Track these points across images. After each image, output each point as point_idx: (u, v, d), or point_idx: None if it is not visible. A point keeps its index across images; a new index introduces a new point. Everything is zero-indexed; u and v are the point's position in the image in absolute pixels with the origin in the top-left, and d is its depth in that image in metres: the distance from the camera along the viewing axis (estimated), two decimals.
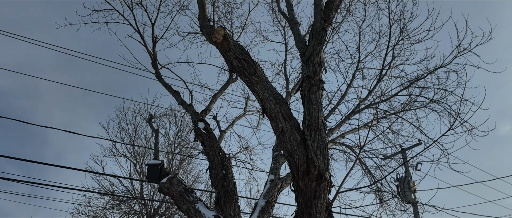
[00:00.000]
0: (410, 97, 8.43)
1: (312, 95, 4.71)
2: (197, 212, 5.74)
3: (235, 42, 4.92)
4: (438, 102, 8.14)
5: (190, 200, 5.89)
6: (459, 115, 7.03)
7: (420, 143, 9.79)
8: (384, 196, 8.77)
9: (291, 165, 4.51)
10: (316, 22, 4.97)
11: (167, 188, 6.00)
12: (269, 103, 4.70)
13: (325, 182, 4.33)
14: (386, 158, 9.24)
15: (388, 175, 8.71)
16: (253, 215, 6.30)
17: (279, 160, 7.28)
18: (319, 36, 4.89)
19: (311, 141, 4.47)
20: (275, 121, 4.67)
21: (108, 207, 14.90)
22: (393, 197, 8.86)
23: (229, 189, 5.94)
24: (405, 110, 8.41)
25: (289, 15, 6.31)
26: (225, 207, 5.82)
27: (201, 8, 5.93)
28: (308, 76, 4.81)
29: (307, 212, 4.30)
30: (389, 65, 8.26)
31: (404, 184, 14.24)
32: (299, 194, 4.42)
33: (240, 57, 4.79)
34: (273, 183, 6.78)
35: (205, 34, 5.72)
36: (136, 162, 16.13)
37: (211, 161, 6.23)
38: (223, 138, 8.40)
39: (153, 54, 7.78)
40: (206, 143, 6.35)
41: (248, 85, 4.92)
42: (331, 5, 5.05)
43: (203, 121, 6.68)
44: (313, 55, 4.88)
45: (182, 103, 7.29)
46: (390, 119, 8.66)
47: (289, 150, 4.50)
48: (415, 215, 14.13)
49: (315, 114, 4.61)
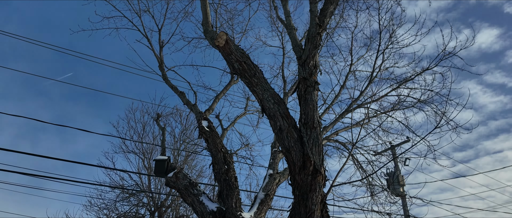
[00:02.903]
0: (399, 97, 8.43)
1: (308, 96, 4.72)
2: (201, 204, 5.75)
3: (236, 46, 4.93)
4: (425, 102, 8.14)
5: (195, 193, 5.89)
6: (444, 114, 7.03)
7: (408, 140, 9.82)
8: (374, 189, 8.77)
9: (289, 160, 4.52)
10: (312, 27, 4.97)
11: (173, 182, 6.01)
12: (268, 103, 4.71)
13: (320, 176, 4.34)
14: (376, 154, 9.24)
15: (379, 170, 8.70)
16: (253, 207, 6.31)
17: (277, 156, 7.29)
18: (314, 40, 4.90)
19: (307, 138, 4.47)
20: (273, 120, 4.68)
21: (118, 200, 14.91)
22: (383, 190, 8.85)
23: (231, 183, 5.95)
24: (394, 109, 8.41)
25: (286, 21, 6.30)
26: (227, 199, 5.82)
27: (204, 14, 5.93)
28: (304, 78, 4.82)
29: (303, 204, 4.31)
30: (379, 67, 8.26)
31: (394, 178, 14.25)
32: (296, 188, 4.43)
33: (241, 60, 4.80)
34: (272, 177, 6.79)
35: (209, 39, 5.72)
36: (144, 158, 16.14)
37: (214, 157, 6.23)
38: (225, 135, 8.39)
39: (160, 57, 7.77)
40: (209, 140, 6.35)
41: (248, 86, 4.93)
42: (326, 12, 5.05)
43: (206, 119, 6.68)
44: (309, 58, 4.89)
45: (187, 103, 7.29)
46: (381, 118, 8.66)
47: (286, 146, 4.51)
48: (404, 207, 14.13)
49: (311, 113, 4.62)
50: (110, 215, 14.72)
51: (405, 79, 8.34)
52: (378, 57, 8.23)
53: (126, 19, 8.06)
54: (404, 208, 14.09)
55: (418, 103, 8.21)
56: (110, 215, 14.72)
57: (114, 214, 14.72)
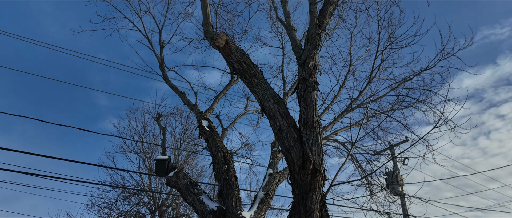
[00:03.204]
0: (398, 97, 8.42)
1: (308, 96, 4.70)
2: (202, 203, 5.73)
3: (236, 46, 4.91)
4: (423, 102, 8.13)
5: (195, 192, 5.88)
6: (443, 114, 7.01)
7: (407, 140, 9.79)
8: (373, 188, 8.76)
9: (288, 160, 4.50)
10: (311, 28, 4.95)
11: (173, 181, 5.99)
12: (268, 103, 4.69)
13: (320, 176, 4.33)
14: (375, 153, 9.23)
15: (378, 169, 8.69)
16: (253, 206, 6.29)
17: (277, 156, 7.27)
18: (313, 41, 4.88)
19: (307, 138, 4.46)
20: (273, 120, 4.66)
21: (119, 199, 14.89)
22: (382, 190, 8.84)
23: (231, 182, 5.93)
24: (393, 109, 8.39)
25: (286, 22, 6.29)
26: (227, 198, 5.80)
27: (205, 15, 5.91)
28: (304, 78, 4.80)
29: (303, 203, 4.29)
30: (378, 68, 8.25)
31: (392, 178, 14.23)
32: (295, 187, 4.41)
33: (241, 61, 4.78)
34: (272, 177, 6.77)
35: (209, 39, 5.70)
36: (145, 157, 16.12)
37: (214, 157, 6.21)
38: (225, 135, 8.37)
39: (161, 58, 7.75)
40: (209, 140, 6.33)
41: (248, 86, 4.91)
42: (325, 12, 5.03)
43: (207, 119, 6.66)
44: (308, 58, 4.87)
45: (187, 103, 7.28)
46: (380, 118, 8.64)
47: (286, 146, 4.49)
48: (403, 207, 14.12)
49: (310, 113, 4.60)
50: (111, 214, 14.71)
51: (404, 79, 8.33)
52: (377, 58, 8.23)
53: (127, 19, 8.06)
54: (403, 207, 14.08)
55: (416, 103, 8.20)
56: (111, 214, 14.71)
57: (115, 213, 14.71)
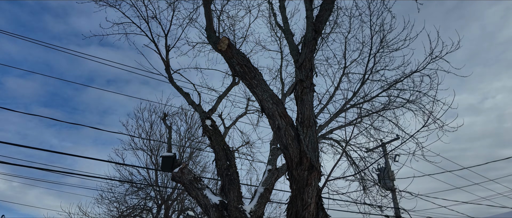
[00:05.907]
0: (389, 98, 8.44)
1: (305, 96, 4.72)
2: (205, 197, 5.75)
3: (237, 50, 4.93)
4: (413, 102, 8.15)
5: (199, 187, 5.90)
6: (432, 114, 7.04)
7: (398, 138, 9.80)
8: (367, 183, 8.78)
9: (286, 157, 4.52)
10: (308, 33, 4.98)
11: (179, 177, 6.01)
12: (267, 103, 4.71)
13: (316, 171, 4.35)
14: (368, 151, 9.25)
15: (370, 165, 8.73)
16: (253, 200, 6.31)
17: (275, 153, 7.29)
18: (310, 45, 4.90)
19: (304, 136, 4.48)
20: (272, 119, 4.68)
21: (127, 194, 14.92)
22: (375, 185, 8.86)
23: (233, 177, 5.95)
24: (385, 109, 8.42)
25: (284, 27, 6.30)
26: (229, 193, 5.82)
27: (208, 21, 5.93)
28: (301, 80, 4.82)
29: (300, 197, 4.32)
30: (371, 70, 8.27)
31: (384, 173, 14.25)
32: (293, 182, 4.43)
33: (242, 63, 4.80)
34: (271, 173, 6.79)
35: (212, 43, 5.72)
36: (152, 154, 16.15)
37: (217, 154, 6.23)
38: (227, 133, 8.38)
39: (167, 61, 7.76)
40: (212, 138, 6.35)
41: (249, 87, 4.93)
42: (321, 18, 5.06)
43: (210, 119, 6.68)
44: (305, 61, 4.89)
45: (191, 103, 7.29)
46: (372, 117, 8.67)
47: (284, 144, 4.51)
48: (394, 200, 14.13)
49: (307, 112, 4.62)
50: (119, 207, 14.74)
51: (395, 81, 8.35)
52: (370, 60, 8.26)
53: (135, 25, 8.06)
54: (394, 201, 14.10)
55: (407, 103, 8.22)
56: (119, 207, 14.74)
57: (124, 207, 14.74)
